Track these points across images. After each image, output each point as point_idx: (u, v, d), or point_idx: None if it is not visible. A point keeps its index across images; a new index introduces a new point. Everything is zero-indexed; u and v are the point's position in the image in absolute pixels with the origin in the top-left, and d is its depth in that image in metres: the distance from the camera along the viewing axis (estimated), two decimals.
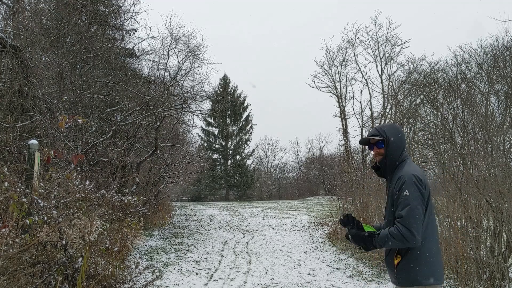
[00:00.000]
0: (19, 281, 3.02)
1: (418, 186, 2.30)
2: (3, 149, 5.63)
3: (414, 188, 2.29)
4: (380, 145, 2.55)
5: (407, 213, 2.25)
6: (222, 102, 28.57)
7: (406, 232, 2.22)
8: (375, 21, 14.49)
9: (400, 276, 2.33)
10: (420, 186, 2.31)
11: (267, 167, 46.83)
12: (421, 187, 2.31)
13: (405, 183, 2.32)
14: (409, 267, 2.29)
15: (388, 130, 2.57)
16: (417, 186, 2.30)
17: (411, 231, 2.22)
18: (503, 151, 5.81)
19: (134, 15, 12.66)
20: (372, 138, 2.57)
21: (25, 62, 6.37)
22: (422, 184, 2.33)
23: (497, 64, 7.58)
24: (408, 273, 2.30)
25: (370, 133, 2.63)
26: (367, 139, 2.61)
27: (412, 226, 2.22)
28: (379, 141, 2.55)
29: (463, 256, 5.40)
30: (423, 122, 9.11)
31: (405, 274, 2.31)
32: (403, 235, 2.23)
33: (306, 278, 6.50)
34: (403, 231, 2.23)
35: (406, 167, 2.44)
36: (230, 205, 24.09)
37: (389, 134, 2.54)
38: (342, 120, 15.15)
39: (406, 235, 2.22)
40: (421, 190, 2.30)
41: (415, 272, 2.28)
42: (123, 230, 4.58)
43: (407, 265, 2.30)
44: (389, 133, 2.55)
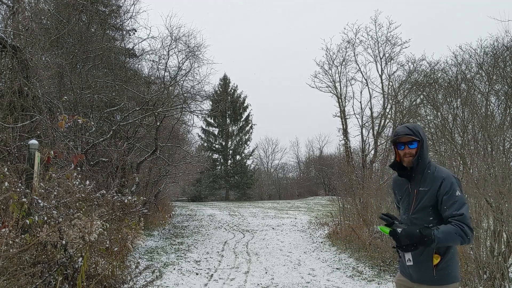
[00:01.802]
0: (19, 281, 3.02)
1: (462, 188, 2.41)
2: (3, 149, 5.63)
3: (461, 189, 2.39)
4: (412, 145, 2.51)
5: (466, 211, 2.31)
6: (222, 102, 28.55)
7: (468, 230, 2.28)
8: (375, 21, 14.50)
9: (441, 274, 2.38)
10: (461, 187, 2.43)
11: (267, 167, 46.87)
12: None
13: (453, 184, 2.37)
14: (450, 265, 2.38)
15: (421, 130, 2.57)
16: (461, 187, 2.40)
17: (471, 229, 2.30)
18: (503, 151, 5.81)
19: (134, 15, 12.68)
20: (407, 137, 2.52)
21: (25, 62, 6.37)
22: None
23: (497, 64, 7.59)
24: (450, 271, 2.38)
25: (402, 132, 2.55)
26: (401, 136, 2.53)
27: (470, 224, 2.31)
28: (413, 140, 2.51)
29: (463, 256, 5.40)
30: (423, 122, 9.10)
31: (447, 272, 2.38)
32: (466, 233, 2.27)
33: (306, 278, 6.50)
34: (466, 229, 2.28)
35: (440, 168, 2.49)
36: (230, 205, 24.09)
37: (423, 135, 2.54)
38: (342, 120, 15.15)
39: (468, 233, 2.28)
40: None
41: (454, 269, 2.39)
42: (123, 230, 4.58)
43: (447, 263, 2.38)
44: (422, 134, 2.54)
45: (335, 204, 12.06)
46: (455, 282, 2.38)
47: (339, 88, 15.18)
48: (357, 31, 14.69)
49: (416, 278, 2.48)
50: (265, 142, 48.73)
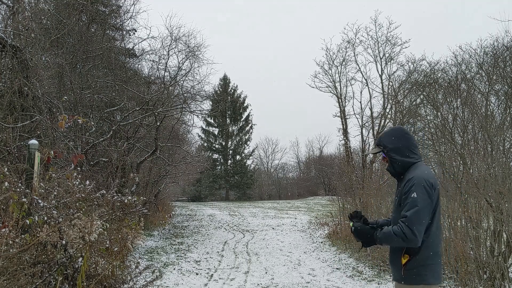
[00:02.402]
0: (19, 281, 3.02)
1: (427, 190, 2.35)
2: (3, 149, 5.63)
3: (422, 191, 2.34)
4: (383, 154, 2.64)
5: (412, 214, 2.31)
6: (222, 102, 28.57)
7: (408, 232, 2.29)
8: (375, 21, 14.50)
9: (409, 274, 2.40)
10: (430, 190, 2.35)
11: (267, 167, 46.86)
12: (431, 191, 2.36)
13: (415, 185, 2.37)
14: (418, 266, 2.37)
15: (385, 138, 2.63)
16: (426, 189, 2.35)
17: (413, 232, 2.29)
18: (503, 151, 5.81)
19: (134, 15, 12.67)
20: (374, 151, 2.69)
21: (25, 62, 6.37)
22: (432, 188, 2.37)
23: (497, 64, 7.59)
24: (416, 272, 2.37)
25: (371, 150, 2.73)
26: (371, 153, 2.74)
27: (414, 227, 2.29)
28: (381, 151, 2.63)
29: (463, 256, 5.40)
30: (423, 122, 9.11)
31: (414, 273, 2.38)
32: (405, 235, 2.30)
33: (306, 278, 6.50)
34: (406, 231, 2.30)
35: (417, 169, 2.48)
36: (230, 205, 24.09)
37: (386, 142, 2.60)
38: (342, 120, 15.16)
39: (408, 235, 2.29)
40: (430, 194, 2.35)
41: (423, 271, 2.36)
42: (123, 230, 4.58)
43: (415, 264, 2.38)
44: (385, 141, 2.61)
45: (335, 204, 12.06)
46: (423, 285, 2.36)
47: (339, 88, 15.20)
48: (357, 31, 14.70)
49: (392, 275, 2.58)
50: (265, 142, 48.71)
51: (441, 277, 2.41)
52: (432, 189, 2.37)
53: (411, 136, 2.60)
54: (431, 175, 2.45)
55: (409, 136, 2.58)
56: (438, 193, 2.44)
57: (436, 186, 2.43)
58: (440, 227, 2.46)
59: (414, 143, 2.59)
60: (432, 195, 2.36)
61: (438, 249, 2.41)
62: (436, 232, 2.41)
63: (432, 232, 2.39)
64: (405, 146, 2.55)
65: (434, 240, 2.39)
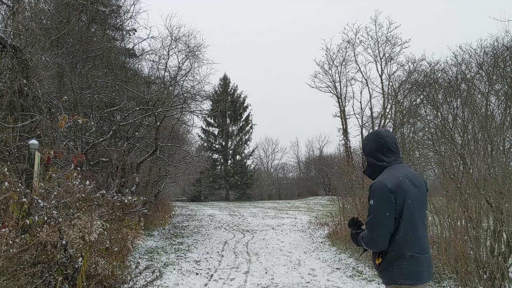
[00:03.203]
0: (19, 281, 3.02)
1: (383, 195, 2.38)
2: (3, 149, 5.63)
3: (379, 198, 2.39)
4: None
5: (369, 220, 2.42)
6: (222, 102, 28.55)
7: (368, 237, 2.43)
8: (375, 21, 14.52)
9: (382, 275, 2.50)
10: (386, 195, 2.38)
11: (267, 167, 46.86)
12: (387, 195, 2.38)
13: (372, 192, 2.45)
14: (388, 267, 2.44)
15: (363, 142, 2.73)
16: (384, 195, 2.38)
17: (371, 237, 2.41)
18: (503, 151, 5.81)
19: (134, 15, 12.69)
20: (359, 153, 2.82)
21: (25, 62, 6.37)
22: (392, 193, 2.38)
23: (497, 64, 7.58)
24: (388, 273, 2.45)
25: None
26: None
27: (373, 232, 2.40)
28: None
29: (463, 256, 5.40)
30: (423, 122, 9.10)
31: (386, 274, 2.47)
32: (367, 240, 2.44)
33: (306, 278, 6.50)
34: (366, 236, 2.45)
35: (383, 174, 2.53)
36: (230, 205, 24.09)
37: (363, 145, 2.73)
38: (342, 120, 15.18)
39: (369, 240, 2.43)
40: (386, 198, 2.37)
41: (393, 271, 2.42)
42: (123, 230, 4.58)
43: (386, 265, 2.45)
44: (363, 145, 2.73)
45: (335, 204, 12.07)
46: (394, 285, 2.42)
47: (339, 88, 15.22)
48: (357, 31, 14.71)
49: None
50: (265, 142, 48.67)
51: (417, 278, 2.40)
52: (389, 193, 2.38)
53: (386, 140, 2.60)
54: (392, 179, 2.44)
55: (383, 140, 2.60)
56: (403, 194, 2.41)
57: (399, 188, 2.41)
58: (414, 229, 2.43)
59: (389, 146, 2.59)
60: (389, 199, 2.37)
61: (411, 250, 2.40)
62: (406, 233, 2.40)
63: (401, 233, 2.39)
64: (378, 149, 2.60)
65: (404, 241, 2.40)
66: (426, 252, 2.46)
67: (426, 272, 2.45)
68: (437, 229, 6.21)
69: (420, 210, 2.49)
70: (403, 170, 2.54)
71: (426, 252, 2.46)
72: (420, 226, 2.46)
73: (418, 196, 2.48)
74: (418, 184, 2.52)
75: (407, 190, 2.43)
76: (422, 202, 2.52)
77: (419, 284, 2.41)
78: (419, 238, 2.44)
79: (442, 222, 6.10)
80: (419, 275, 2.41)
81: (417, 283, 2.40)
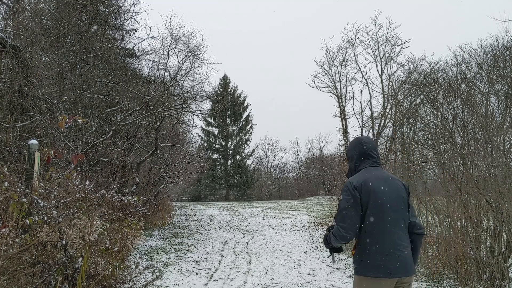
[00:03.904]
0: (19, 281, 3.02)
1: (350, 192, 2.63)
2: (3, 149, 5.63)
3: (345, 193, 2.65)
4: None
5: (336, 214, 2.68)
6: (222, 102, 28.53)
7: (336, 229, 2.65)
8: (375, 21, 14.52)
9: (354, 265, 2.73)
10: (352, 191, 2.62)
11: (267, 167, 46.86)
12: (353, 191, 2.62)
13: (342, 190, 2.73)
14: (357, 260, 2.67)
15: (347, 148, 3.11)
16: (349, 191, 2.63)
17: (338, 228, 2.63)
18: (503, 151, 5.80)
19: (134, 15, 12.68)
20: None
21: (25, 62, 6.37)
22: (357, 189, 2.62)
23: (497, 64, 7.59)
24: (356, 264, 2.69)
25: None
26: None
27: (339, 225, 2.62)
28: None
29: (463, 256, 5.40)
30: (423, 122, 9.10)
31: (355, 264, 2.70)
32: (335, 231, 2.65)
33: (306, 278, 6.50)
34: (334, 229, 2.68)
35: (354, 175, 2.79)
36: (230, 205, 24.08)
37: (346, 151, 3.06)
38: (342, 120, 15.18)
39: (336, 232, 2.64)
40: (352, 194, 2.62)
41: (359, 264, 2.65)
42: (123, 230, 4.58)
43: (356, 258, 2.68)
44: (346, 151, 3.07)
45: (335, 204, 12.06)
46: (359, 276, 2.65)
47: (339, 88, 15.22)
48: (357, 31, 14.71)
49: None
50: (265, 142, 48.70)
51: (383, 272, 2.53)
52: (354, 189, 2.62)
53: (366, 146, 2.83)
54: (359, 178, 2.67)
55: (361, 146, 2.84)
56: (368, 193, 2.61)
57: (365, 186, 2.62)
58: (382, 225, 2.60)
59: (368, 152, 2.82)
60: (353, 194, 2.60)
61: (378, 245, 2.57)
62: (372, 228, 2.59)
63: (367, 228, 2.61)
64: (357, 154, 2.84)
65: (370, 236, 2.60)
66: (398, 250, 2.57)
67: (396, 268, 2.55)
68: (437, 229, 6.21)
69: (395, 210, 2.63)
70: (376, 172, 2.75)
71: (398, 250, 2.57)
72: (392, 224, 2.61)
73: (390, 197, 2.64)
74: (392, 186, 2.69)
75: (374, 190, 2.63)
76: (397, 203, 2.65)
77: (387, 278, 2.54)
78: (388, 235, 2.59)
79: (442, 222, 6.10)
80: (387, 270, 2.54)
81: (381, 276, 2.54)
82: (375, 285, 2.56)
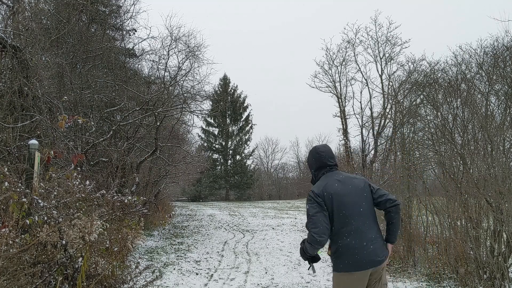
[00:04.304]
0: (19, 281, 3.02)
1: (314, 200, 2.85)
2: (3, 149, 5.63)
3: (310, 202, 2.87)
4: None
5: (307, 222, 2.85)
6: (222, 102, 28.54)
7: (308, 236, 2.82)
8: (375, 21, 14.48)
9: (331, 264, 2.98)
10: (316, 198, 2.85)
11: (267, 167, 46.87)
12: (317, 198, 2.85)
13: (307, 199, 2.95)
14: (333, 258, 2.91)
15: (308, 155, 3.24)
16: (313, 200, 2.85)
17: (310, 235, 2.79)
18: (503, 151, 5.80)
19: (134, 15, 12.69)
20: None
21: (25, 62, 6.37)
22: (320, 196, 2.85)
23: (497, 64, 7.58)
24: (333, 262, 2.93)
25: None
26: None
27: (312, 231, 2.79)
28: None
29: (463, 256, 5.40)
30: (423, 122, 9.09)
31: (332, 263, 2.95)
32: (309, 238, 2.82)
33: (306, 278, 6.50)
34: (308, 236, 2.84)
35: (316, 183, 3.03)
36: (230, 205, 24.08)
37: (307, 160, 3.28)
38: (342, 120, 15.13)
39: (309, 238, 2.81)
40: (317, 201, 2.84)
41: (336, 261, 2.88)
42: (123, 230, 4.58)
43: (332, 257, 2.93)
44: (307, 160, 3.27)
45: None
46: (336, 272, 2.90)
47: (339, 88, 15.16)
48: (357, 31, 14.67)
49: None
50: (265, 142, 48.69)
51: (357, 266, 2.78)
52: (316, 196, 2.85)
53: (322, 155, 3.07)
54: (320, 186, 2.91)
55: (318, 155, 3.09)
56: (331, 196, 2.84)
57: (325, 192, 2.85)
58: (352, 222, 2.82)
59: (323, 160, 3.06)
60: (318, 201, 2.83)
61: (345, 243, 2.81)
62: (341, 228, 2.83)
63: (336, 230, 2.84)
64: (315, 162, 3.10)
65: (341, 235, 2.83)
66: (366, 242, 2.81)
67: (367, 260, 2.79)
68: (437, 229, 6.21)
69: (359, 207, 2.86)
70: (335, 176, 2.99)
71: (366, 242, 2.81)
72: (359, 221, 2.84)
73: (351, 196, 2.87)
74: (352, 185, 2.92)
75: (336, 192, 2.86)
76: (359, 199, 2.88)
77: (359, 271, 2.79)
78: (356, 232, 2.82)
79: (442, 222, 6.09)
80: (359, 263, 2.79)
81: (356, 270, 2.79)
82: (350, 279, 2.82)
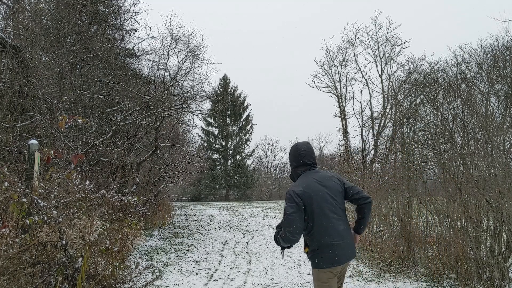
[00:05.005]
0: (19, 281, 3.02)
1: (293, 199, 2.93)
2: (3, 149, 5.63)
3: (289, 201, 2.95)
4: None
5: (283, 220, 2.97)
6: (222, 102, 28.53)
7: (283, 233, 2.97)
8: (375, 21, 14.51)
9: (310, 261, 3.11)
10: (294, 197, 2.93)
11: (267, 167, 46.88)
12: (295, 198, 2.93)
13: (285, 198, 3.02)
14: (312, 255, 3.05)
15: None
16: (292, 199, 2.93)
17: (285, 233, 2.94)
18: (503, 151, 5.80)
19: (134, 15, 12.68)
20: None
21: (25, 62, 6.37)
22: (297, 196, 2.93)
23: (497, 64, 7.58)
24: (312, 259, 3.06)
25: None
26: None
27: (286, 229, 2.92)
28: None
29: (463, 256, 5.40)
30: (423, 122, 9.08)
31: (311, 260, 3.08)
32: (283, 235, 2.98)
33: (306, 278, 6.50)
34: (282, 233, 3.00)
35: (295, 182, 3.10)
36: (230, 205, 24.08)
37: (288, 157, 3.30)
38: (342, 120, 15.15)
39: (284, 235, 2.97)
40: (294, 201, 2.92)
41: (315, 258, 3.02)
42: (123, 230, 4.58)
43: (310, 253, 3.07)
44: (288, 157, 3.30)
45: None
46: (314, 268, 3.05)
47: (339, 88, 15.19)
48: (357, 31, 14.70)
49: None
50: (265, 142, 48.76)
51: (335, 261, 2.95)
52: (296, 196, 2.93)
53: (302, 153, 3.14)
54: (298, 186, 2.99)
55: (298, 153, 3.16)
56: (310, 195, 2.94)
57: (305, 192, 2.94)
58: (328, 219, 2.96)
59: (304, 158, 3.13)
60: (297, 201, 2.91)
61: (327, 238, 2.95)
62: (320, 225, 2.95)
63: (314, 229, 2.97)
64: (294, 159, 3.18)
65: (319, 232, 2.95)
66: (342, 238, 2.98)
67: (344, 255, 2.99)
68: (437, 229, 6.21)
69: (333, 205, 2.99)
70: (314, 175, 3.07)
71: (342, 238, 2.98)
72: (333, 218, 2.97)
73: (328, 195, 2.99)
74: (329, 185, 3.04)
75: (314, 191, 2.97)
76: (335, 198, 3.02)
77: (337, 266, 2.98)
78: (332, 227, 2.96)
79: (442, 222, 6.09)
80: (337, 259, 2.96)
81: (334, 265, 2.96)
82: (327, 273, 2.99)
